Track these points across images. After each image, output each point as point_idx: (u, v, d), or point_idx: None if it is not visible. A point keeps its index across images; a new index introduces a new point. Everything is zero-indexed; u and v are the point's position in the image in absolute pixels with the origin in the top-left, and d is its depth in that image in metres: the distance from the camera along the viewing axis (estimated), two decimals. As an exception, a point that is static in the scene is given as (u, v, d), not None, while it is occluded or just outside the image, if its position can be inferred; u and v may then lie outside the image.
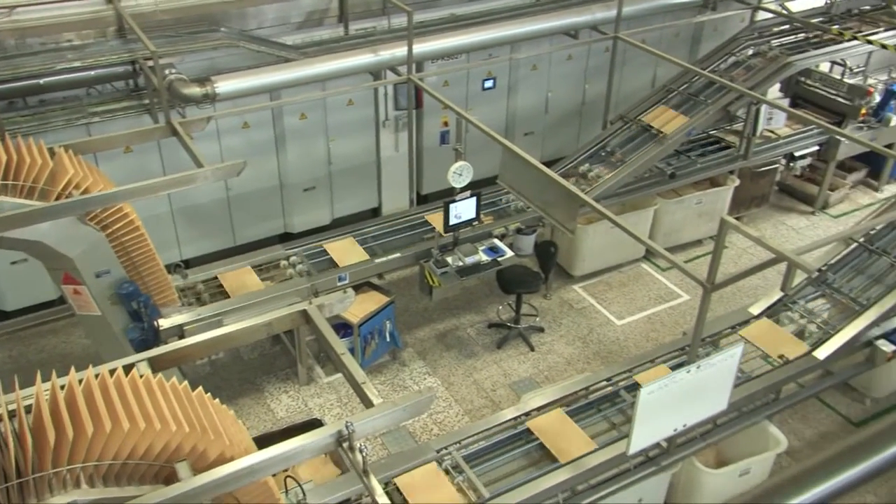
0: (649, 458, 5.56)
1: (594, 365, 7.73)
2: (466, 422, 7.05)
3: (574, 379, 6.31)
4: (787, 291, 6.73)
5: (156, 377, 3.45)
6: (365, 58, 8.01)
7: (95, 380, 3.24)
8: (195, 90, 7.18)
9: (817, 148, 9.73)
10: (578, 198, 5.76)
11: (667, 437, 5.20)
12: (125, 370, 3.44)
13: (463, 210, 7.16)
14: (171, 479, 3.14)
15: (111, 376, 3.30)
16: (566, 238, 7.94)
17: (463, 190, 7.14)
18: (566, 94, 10.24)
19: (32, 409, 3.10)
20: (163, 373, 3.65)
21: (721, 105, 8.59)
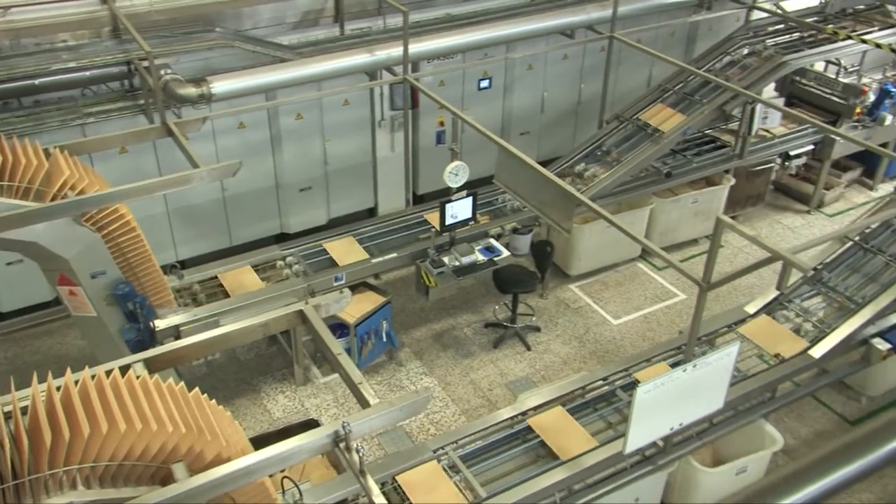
0: (646, 457, 5.57)
1: (590, 364, 7.74)
2: (463, 421, 7.06)
3: (570, 378, 6.31)
4: (783, 290, 6.76)
5: (152, 378, 3.45)
6: (361, 58, 8.00)
7: (91, 381, 3.24)
8: (190, 90, 7.17)
9: (812, 147, 9.75)
10: (574, 197, 5.76)
11: (663, 436, 5.21)
12: (121, 371, 3.43)
13: (459, 210, 7.16)
14: (168, 480, 3.14)
15: (107, 377, 3.29)
16: (562, 237, 7.95)
17: (459, 190, 7.14)
18: (562, 94, 10.25)
19: (28, 411, 3.10)
20: (159, 374, 3.65)
21: (716, 104, 8.61)
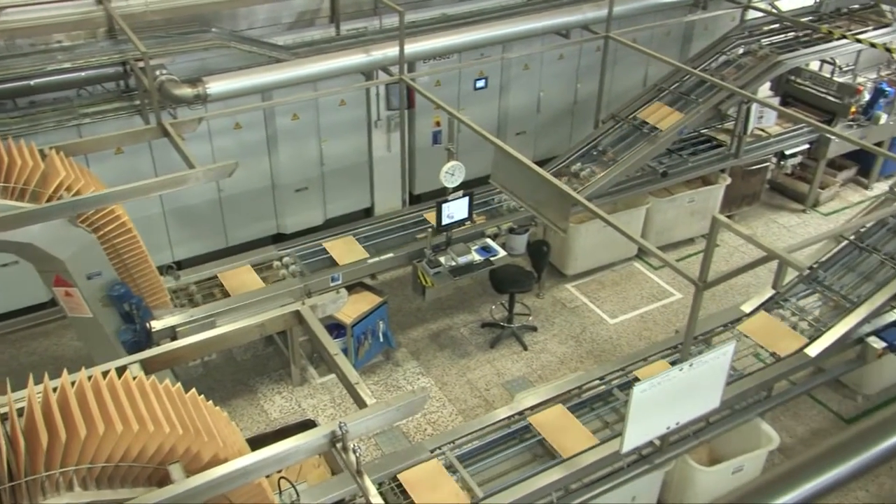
0: (642, 457, 5.57)
1: (587, 364, 7.75)
2: (460, 421, 7.06)
3: (567, 378, 6.32)
4: (779, 289, 6.75)
5: (148, 379, 3.45)
6: (357, 58, 8.00)
7: (88, 382, 3.23)
8: (186, 91, 7.16)
9: (808, 146, 9.77)
10: (570, 197, 5.76)
11: (660, 435, 5.21)
12: (118, 372, 3.43)
13: (455, 210, 7.17)
14: (165, 482, 3.14)
15: (104, 378, 3.29)
16: (559, 237, 7.96)
17: (455, 190, 7.15)
18: (558, 94, 10.26)
19: (24, 412, 3.09)
20: (155, 375, 3.64)
21: (712, 104, 8.61)
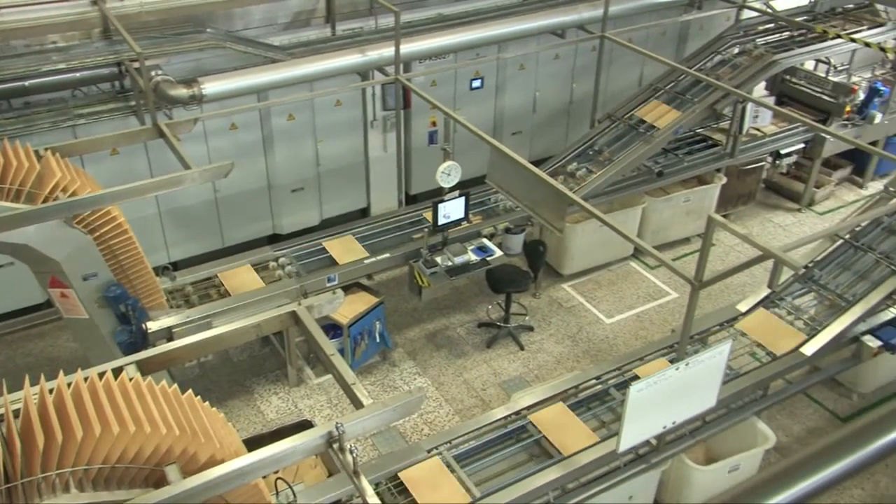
0: (639, 456, 5.58)
1: (584, 363, 7.76)
2: (457, 421, 7.06)
3: (564, 377, 6.32)
4: (774, 288, 6.78)
5: (145, 380, 3.44)
6: (352, 58, 8.00)
7: (84, 383, 3.23)
8: (182, 91, 7.16)
9: (803, 145, 9.79)
10: (567, 197, 5.77)
11: (656, 435, 5.22)
12: (114, 373, 3.42)
13: (452, 210, 7.17)
14: (161, 483, 3.14)
15: (100, 379, 3.28)
16: (555, 237, 7.96)
17: (451, 190, 7.15)
18: (554, 94, 10.27)
19: (21, 414, 3.09)
20: (151, 376, 3.64)
21: (707, 103, 8.64)
